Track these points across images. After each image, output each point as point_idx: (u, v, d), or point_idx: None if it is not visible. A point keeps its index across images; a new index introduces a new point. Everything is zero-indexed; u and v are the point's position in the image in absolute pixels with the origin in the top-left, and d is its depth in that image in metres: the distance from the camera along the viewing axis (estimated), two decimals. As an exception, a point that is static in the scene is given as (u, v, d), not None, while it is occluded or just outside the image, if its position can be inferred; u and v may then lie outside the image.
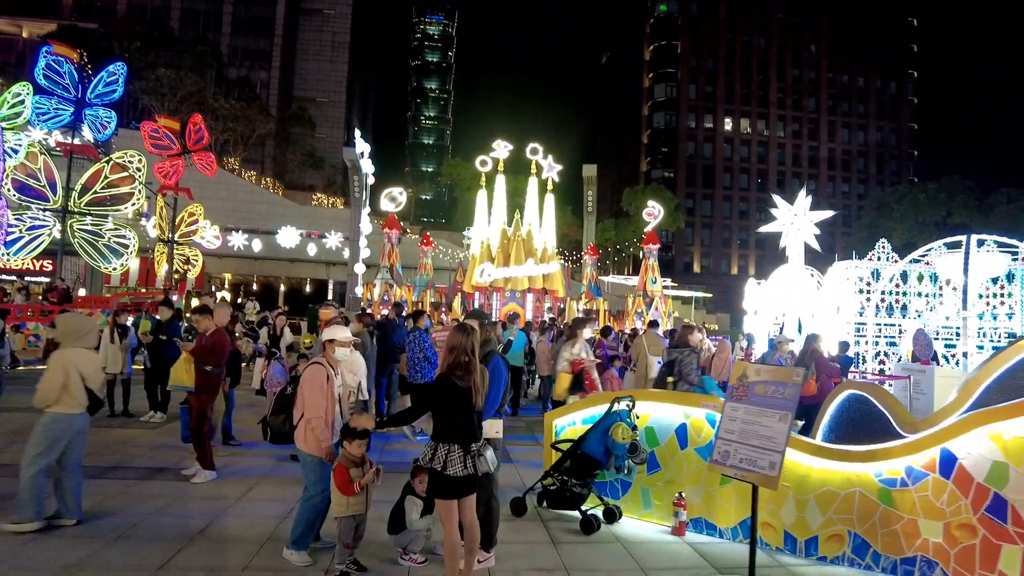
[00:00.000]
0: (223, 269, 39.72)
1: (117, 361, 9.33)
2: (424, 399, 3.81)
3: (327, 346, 4.48)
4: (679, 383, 7.46)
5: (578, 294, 25.55)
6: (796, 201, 19.61)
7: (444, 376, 3.75)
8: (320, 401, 4.27)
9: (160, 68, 39.65)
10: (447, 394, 3.70)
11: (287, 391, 4.53)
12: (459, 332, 3.82)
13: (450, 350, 3.76)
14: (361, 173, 28.66)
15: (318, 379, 4.30)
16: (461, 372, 3.72)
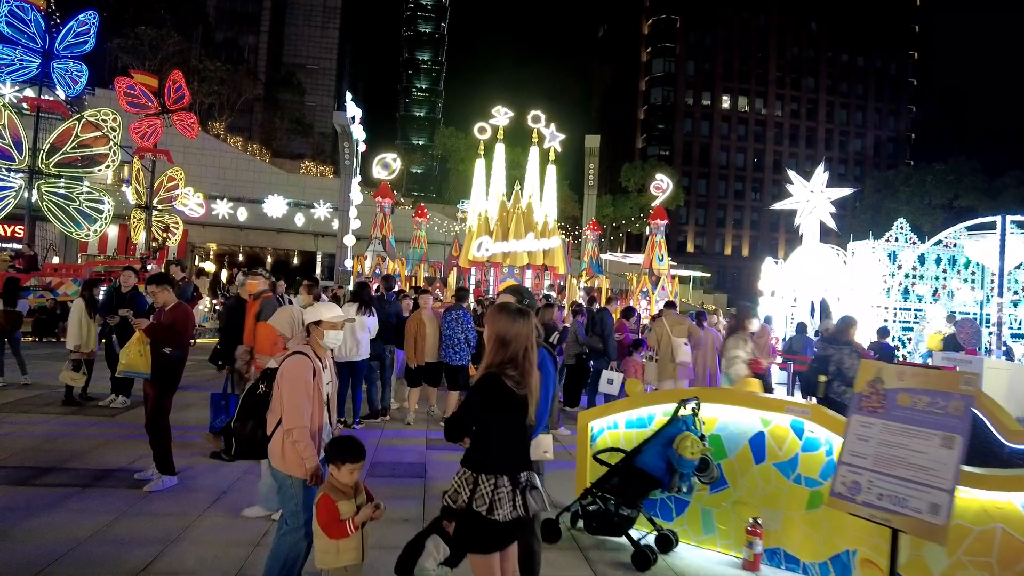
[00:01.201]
0: (207, 239, 38.20)
1: (91, 339, 8.19)
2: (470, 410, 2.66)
3: (312, 330, 3.39)
4: (833, 383, 6.34)
5: (578, 271, 24.47)
6: (812, 178, 18.62)
7: (493, 378, 2.64)
8: (304, 404, 3.17)
9: (141, 26, 37.59)
10: (497, 404, 2.62)
11: (258, 389, 3.40)
12: (512, 316, 2.72)
13: (502, 342, 2.67)
14: (352, 140, 27.25)
15: (301, 375, 3.20)
16: (517, 373, 2.64)
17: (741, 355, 6.58)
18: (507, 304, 2.81)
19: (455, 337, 8.03)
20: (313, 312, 3.44)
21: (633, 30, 79.97)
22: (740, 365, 6.54)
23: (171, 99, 21.00)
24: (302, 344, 3.36)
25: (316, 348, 3.36)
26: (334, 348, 3.51)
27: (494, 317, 2.74)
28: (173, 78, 21.12)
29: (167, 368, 5.06)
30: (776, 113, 76.22)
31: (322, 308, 3.46)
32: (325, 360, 3.43)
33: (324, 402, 3.33)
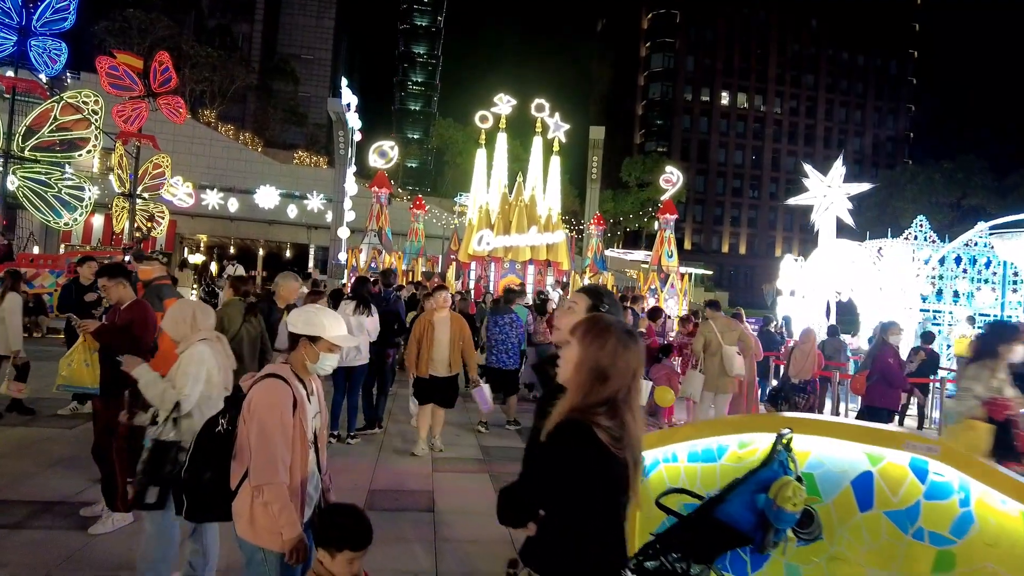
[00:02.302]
0: (197, 230, 37.06)
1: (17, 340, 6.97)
2: (536, 480, 1.69)
3: (303, 346, 2.48)
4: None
5: (582, 267, 23.57)
6: (829, 172, 17.83)
7: (579, 429, 1.69)
8: (280, 451, 2.27)
9: (129, 8, 36.30)
10: (585, 471, 1.67)
11: (218, 427, 2.46)
12: (620, 340, 1.78)
13: (599, 375, 1.73)
14: (347, 128, 26.19)
15: (277, 409, 2.29)
16: (614, 424, 1.70)
17: (978, 390, 4.46)
18: (607, 321, 1.86)
19: (509, 341, 7.62)
20: (309, 321, 2.47)
21: (633, 25, 79.19)
22: (972, 401, 4.48)
23: (157, 82, 19.94)
24: (279, 365, 2.44)
25: (300, 370, 2.45)
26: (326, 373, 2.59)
27: (589, 337, 1.80)
28: (159, 59, 20.06)
29: (120, 381, 4.10)
30: (775, 110, 75.63)
31: (324, 318, 2.49)
32: (311, 384, 2.51)
33: (310, 444, 2.41)
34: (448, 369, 6.54)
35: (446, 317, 6.63)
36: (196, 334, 3.27)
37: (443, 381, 6.57)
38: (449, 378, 6.60)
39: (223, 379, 3.32)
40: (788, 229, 75.99)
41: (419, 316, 7.02)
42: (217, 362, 3.29)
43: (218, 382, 3.27)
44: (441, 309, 6.62)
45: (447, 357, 6.51)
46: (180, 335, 3.29)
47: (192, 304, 3.43)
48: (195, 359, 3.18)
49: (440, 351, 6.51)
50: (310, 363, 2.46)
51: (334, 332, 2.46)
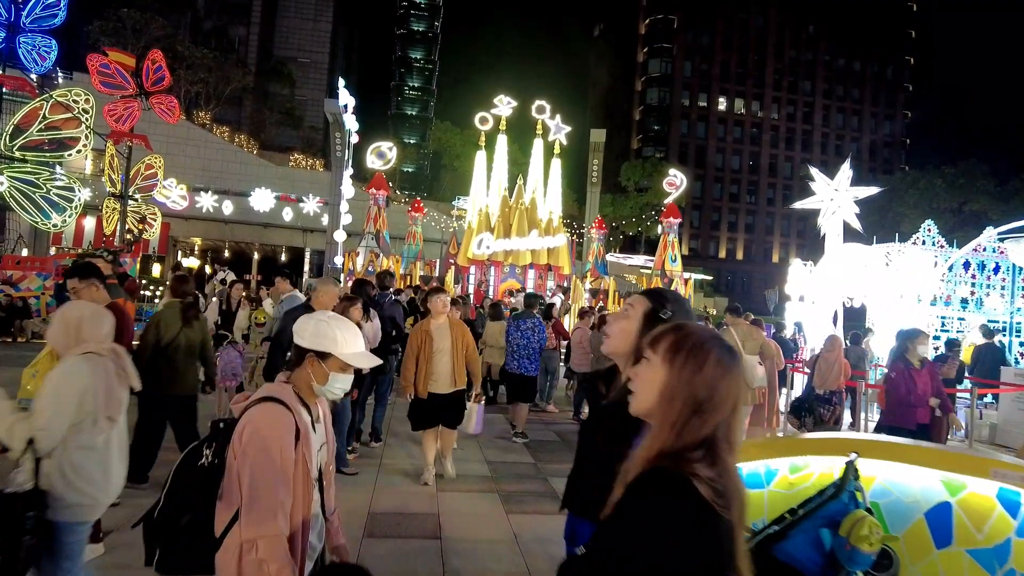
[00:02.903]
0: (191, 233, 36.54)
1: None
2: (616, 559, 1.22)
3: (310, 364, 2.02)
4: None
5: (583, 272, 23.18)
6: (836, 176, 17.50)
7: (674, 482, 1.23)
8: (278, 495, 1.83)
9: (124, 8, 35.80)
10: (687, 544, 1.19)
11: (202, 459, 2.01)
12: (721, 359, 1.34)
13: (695, 407, 1.29)
14: (344, 130, 25.74)
15: (274, 442, 1.86)
16: (715, 472, 1.24)
17: None
18: (701, 334, 1.39)
19: (531, 347, 7.32)
20: (319, 332, 2.00)
21: (630, 30, 79.23)
22: None
23: (150, 80, 19.47)
24: (279, 384, 2.00)
25: (304, 393, 2.01)
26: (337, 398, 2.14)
27: (681, 356, 1.34)
28: (152, 58, 19.60)
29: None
30: (772, 116, 75.69)
31: (337, 330, 2.02)
32: (317, 409, 2.08)
33: (314, 483, 1.97)
34: (452, 384, 5.70)
35: (445, 324, 5.81)
36: (80, 346, 2.64)
37: (447, 399, 5.71)
38: (453, 394, 5.74)
39: (106, 404, 2.64)
40: (785, 234, 75.96)
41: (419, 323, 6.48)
42: (98, 383, 2.60)
43: (94, 409, 2.59)
44: (439, 315, 5.81)
45: (450, 370, 5.68)
46: (61, 346, 2.67)
47: (83, 307, 2.80)
48: (63, 380, 2.53)
49: (441, 364, 5.66)
50: (317, 384, 2.00)
51: (349, 348, 1.99)
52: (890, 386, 5.98)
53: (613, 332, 2.03)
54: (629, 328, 1.96)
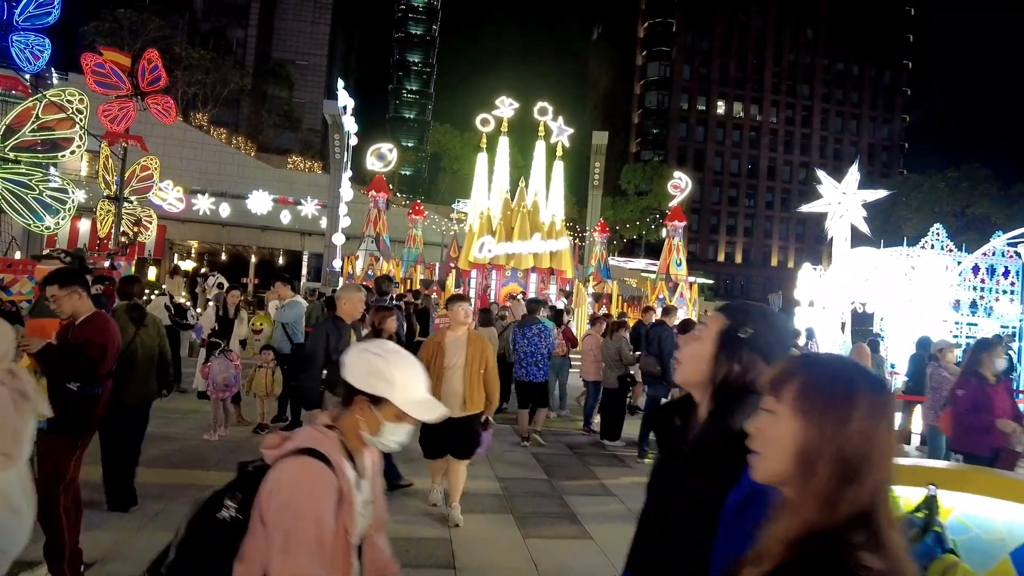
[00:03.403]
0: (187, 236, 36.12)
1: None
2: None
3: (360, 408, 1.65)
4: None
5: (585, 276, 22.86)
6: (844, 179, 17.26)
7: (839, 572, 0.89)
8: (311, 570, 1.47)
9: (120, 8, 35.42)
10: None
11: (225, 513, 1.64)
12: (858, 402, 0.98)
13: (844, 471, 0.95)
14: (343, 131, 25.45)
15: (312, 508, 1.49)
16: (884, 559, 0.91)
17: None
18: (844, 370, 1.06)
19: (539, 353, 7.14)
20: (375, 372, 1.62)
21: (629, 33, 79.18)
22: None
23: (145, 80, 19.07)
24: (320, 432, 1.62)
25: (351, 440, 1.65)
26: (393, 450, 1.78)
27: (819, 404, 1.01)
28: (148, 57, 19.21)
29: (72, 414, 3.30)
30: (771, 119, 75.73)
31: (397, 369, 1.63)
32: (365, 460, 1.72)
33: (353, 552, 1.61)
34: (463, 406, 4.90)
35: (463, 337, 5.02)
36: None
37: (457, 424, 4.78)
38: (465, 419, 4.92)
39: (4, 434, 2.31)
40: (784, 238, 75.90)
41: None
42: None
43: None
44: (458, 327, 5.06)
45: (461, 390, 4.90)
46: None
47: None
48: None
49: (453, 383, 4.90)
50: (368, 434, 1.65)
51: (409, 393, 1.62)
52: (961, 406, 5.12)
53: (684, 357, 1.68)
54: (702, 352, 1.61)
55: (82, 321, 3.39)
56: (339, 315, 4.93)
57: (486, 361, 5.06)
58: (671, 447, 1.67)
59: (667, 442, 1.70)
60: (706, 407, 1.58)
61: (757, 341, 1.56)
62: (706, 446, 1.51)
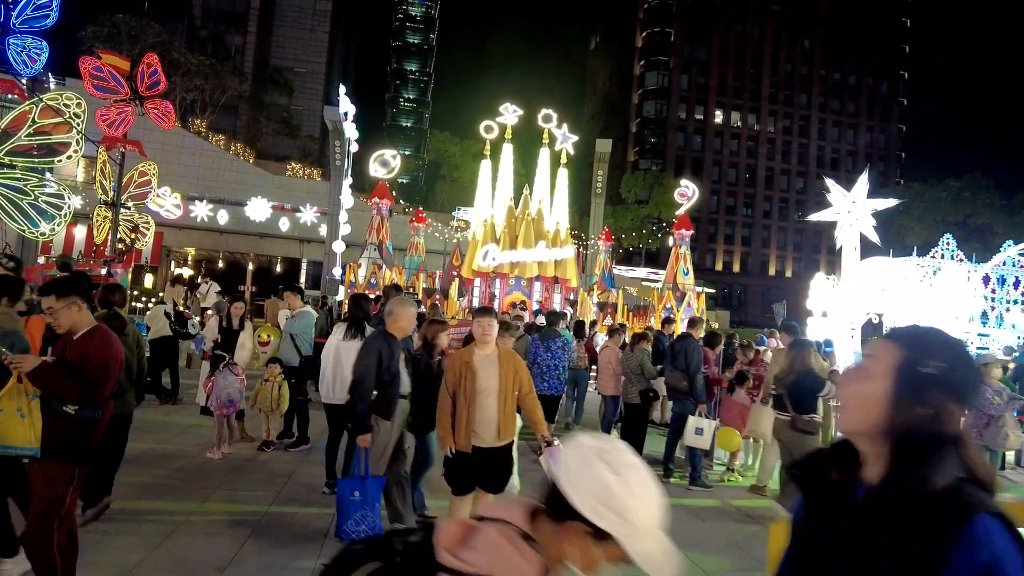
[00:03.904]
0: (184, 243, 35.71)
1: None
2: None
3: (576, 537, 1.17)
4: None
5: (589, 285, 22.56)
6: (854, 187, 17.02)
7: None
8: None
9: (119, 13, 35.12)
10: None
11: None
12: None
13: None
14: (343, 138, 25.14)
15: None
16: None
17: None
18: None
19: (560, 366, 6.96)
20: (606, 499, 1.14)
21: (627, 43, 79.44)
22: None
23: (144, 85, 18.77)
24: (513, 546, 1.12)
25: (551, 565, 1.18)
26: None
27: None
28: (147, 61, 18.93)
29: (69, 440, 2.96)
30: (769, 129, 76.01)
31: (634, 496, 1.16)
32: None
33: None
34: (497, 435, 4.35)
35: (493, 356, 4.41)
36: None
37: (490, 455, 4.34)
38: (500, 449, 4.38)
39: None
40: (782, 247, 75.94)
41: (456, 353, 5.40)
42: None
43: None
44: (485, 343, 4.43)
45: (496, 418, 4.32)
46: None
47: None
48: None
49: (487, 409, 4.30)
50: (580, 570, 1.21)
51: (650, 544, 1.16)
52: None
53: (847, 399, 1.34)
54: (874, 393, 1.26)
55: (81, 336, 3.04)
56: (390, 331, 4.58)
57: (522, 383, 4.47)
58: (827, 508, 1.33)
59: (820, 502, 1.36)
60: (882, 462, 1.25)
61: (948, 378, 1.22)
62: (893, 511, 1.17)
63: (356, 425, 4.47)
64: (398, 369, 4.55)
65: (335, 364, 5.61)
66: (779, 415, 5.77)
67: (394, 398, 4.53)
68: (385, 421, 4.48)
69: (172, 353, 9.81)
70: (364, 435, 4.44)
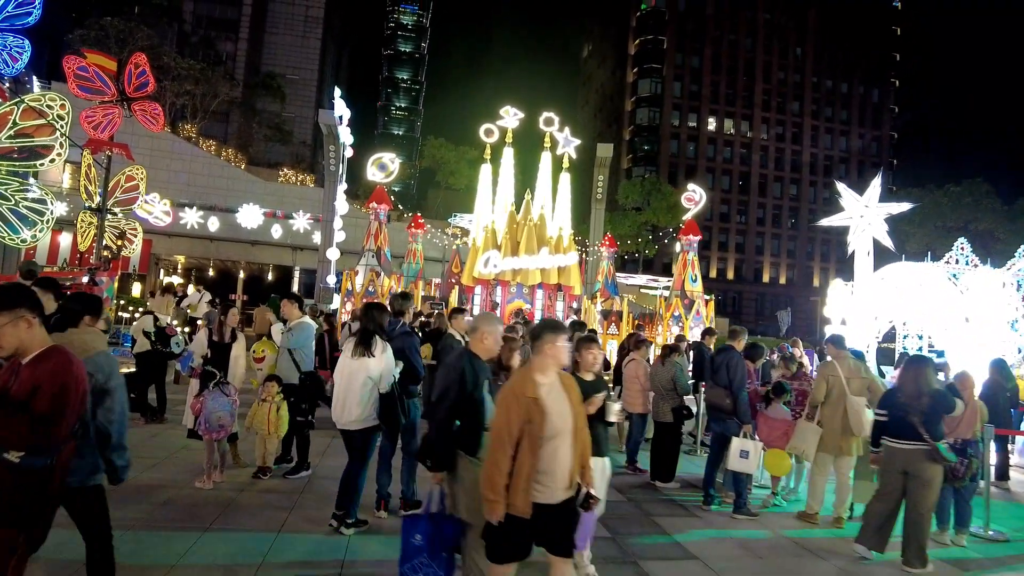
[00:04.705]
0: (174, 250, 34.86)
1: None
2: None
3: None
4: None
5: (591, 292, 21.94)
6: (866, 192, 16.60)
7: None
8: None
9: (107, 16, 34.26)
10: None
11: None
12: None
13: None
14: (338, 142, 24.45)
15: None
16: None
17: None
18: None
19: None
20: None
21: (620, 50, 79.70)
22: None
23: (132, 86, 17.99)
24: None
25: None
26: None
27: None
28: (135, 61, 18.15)
29: (11, 495, 2.27)
30: (761, 136, 76.36)
31: None
32: None
33: None
34: (569, 484, 3.34)
35: (558, 386, 3.42)
36: None
37: (559, 510, 3.32)
38: (568, 502, 3.35)
39: None
40: (775, 254, 75.98)
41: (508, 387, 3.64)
42: None
43: None
44: (549, 366, 3.39)
45: (570, 464, 3.34)
46: None
47: None
48: None
49: (560, 456, 3.28)
50: None
51: None
52: None
53: None
54: None
55: (32, 360, 2.37)
56: (474, 351, 3.93)
57: (581, 415, 3.50)
58: None
59: None
60: None
61: None
62: None
63: (433, 459, 3.78)
64: (483, 396, 3.81)
65: (347, 386, 4.94)
66: (911, 445, 4.94)
67: (480, 430, 3.76)
68: (471, 458, 3.72)
69: (159, 368, 9.10)
70: (437, 471, 3.75)
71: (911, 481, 4.89)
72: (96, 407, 2.98)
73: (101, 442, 3.01)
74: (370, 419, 4.97)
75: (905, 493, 4.94)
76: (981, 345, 10.46)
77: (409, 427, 5.53)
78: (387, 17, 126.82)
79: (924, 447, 4.81)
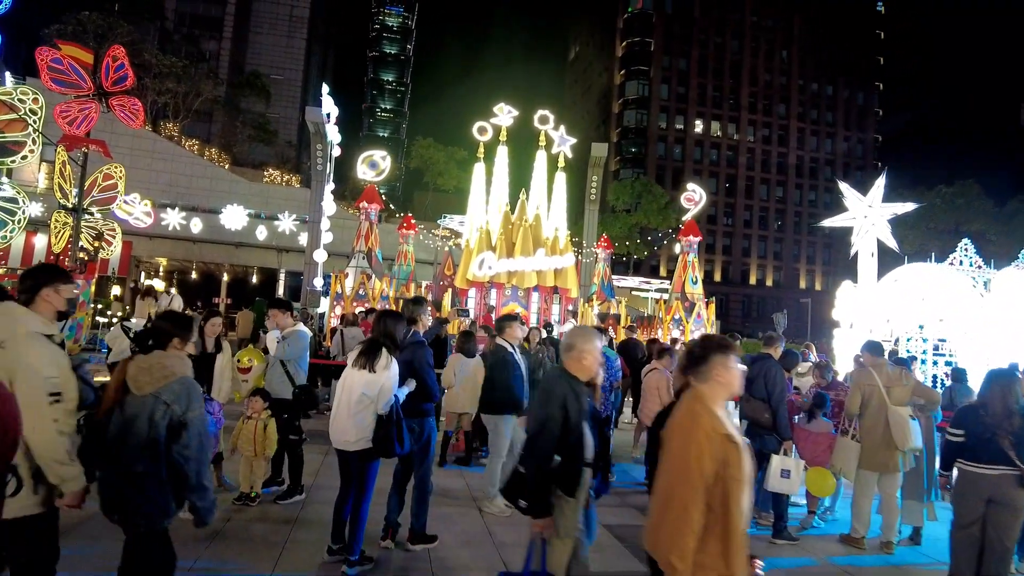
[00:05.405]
0: (155, 252, 33.90)
1: None
2: None
3: None
4: None
5: (587, 295, 21.43)
6: (870, 192, 16.26)
7: None
8: None
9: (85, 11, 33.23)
10: None
11: None
12: None
13: None
14: (325, 141, 23.76)
15: None
16: None
17: None
18: None
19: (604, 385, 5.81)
20: None
21: (608, 53, 79.74)
22: None
23: (110, 80, 17.19)
24: None
25: None
26: None
27: None
28: (113, 54, 17.35)
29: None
30: (748, 138, 76.65)
31: None
32: None
33: None
34: None
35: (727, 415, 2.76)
36: None
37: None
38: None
39: None
40: (762, 256, 76.22)
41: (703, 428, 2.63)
42: None
43: None
44: (720, 396, 2.57)
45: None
46: None
47: None
48: None
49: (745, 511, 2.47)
50: None
51: None
52: None
53: None
54: None
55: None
56: (572, 372, 3.31)
57: None
58: None
59: None
60: None
61: None
62: None
63: (532, 502, 3.17)
64: (583, 426, 3.20)
65: (344, 401, 4.32)
66: (998, 470, 4.30)
67: (581, 465, 3.18)
68: (569, 499, 3.15)
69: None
70: (542, 519, 3.12)
71: (996, 509, 4.35)
72: (171, 442, 2.83)
73: (177, 482, 2.87)
74: (365, 441, 4.35)
75: (985, 521, 4.41)
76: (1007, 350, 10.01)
77: (422, 448, 4.90)
78: (372, 19, 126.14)
79: (1014, 472, 4.26)
